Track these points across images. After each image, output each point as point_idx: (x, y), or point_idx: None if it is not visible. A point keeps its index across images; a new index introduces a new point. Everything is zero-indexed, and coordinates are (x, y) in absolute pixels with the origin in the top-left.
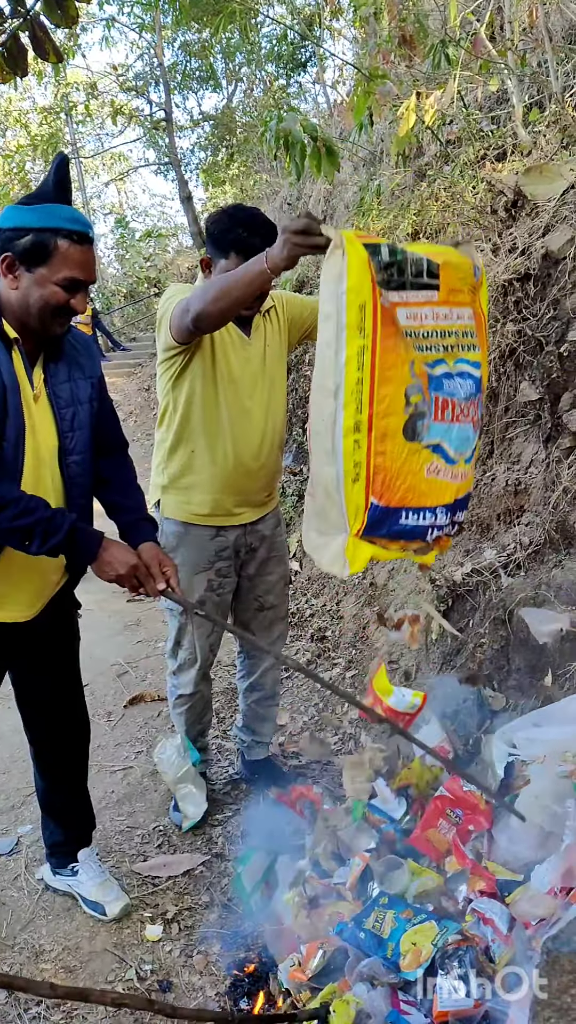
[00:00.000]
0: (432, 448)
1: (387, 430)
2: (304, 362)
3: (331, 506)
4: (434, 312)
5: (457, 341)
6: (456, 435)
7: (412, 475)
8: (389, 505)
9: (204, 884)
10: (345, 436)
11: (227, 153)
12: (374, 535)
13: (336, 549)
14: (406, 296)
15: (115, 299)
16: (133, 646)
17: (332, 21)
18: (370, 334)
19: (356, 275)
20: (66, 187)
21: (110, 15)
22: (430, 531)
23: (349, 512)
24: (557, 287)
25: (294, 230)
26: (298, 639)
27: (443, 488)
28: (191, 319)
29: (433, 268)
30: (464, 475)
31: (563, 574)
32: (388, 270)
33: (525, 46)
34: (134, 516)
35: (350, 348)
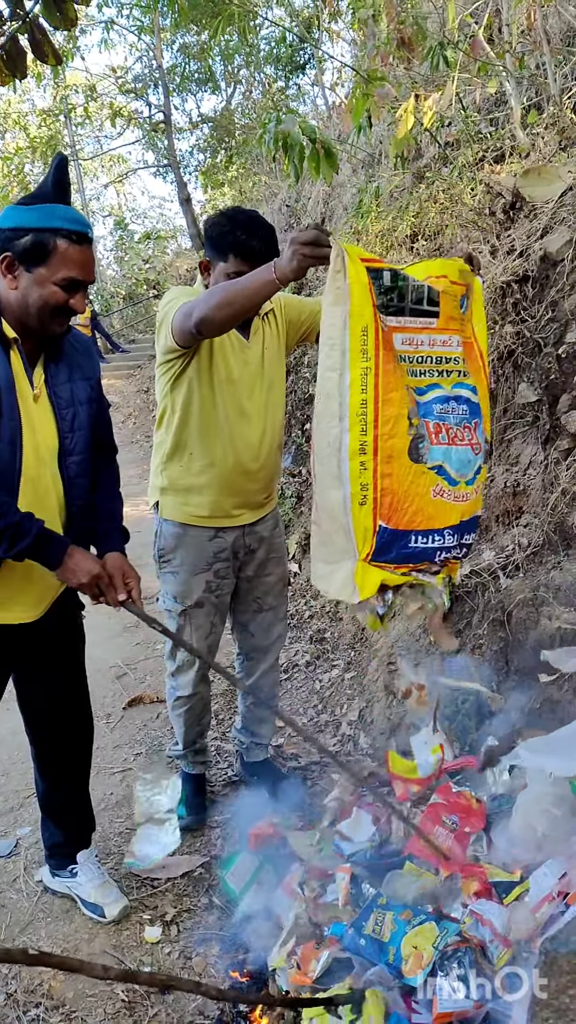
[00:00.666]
0: (436, 470)
1: (392, 451)
2: (303, 364)
3: (338, 532)
4: (431, 339)
5: (454, 367)
6: (455, 457)
7: (419, 497)
8: (398, 528)
9: (203, 886)
10: (351, 458)
11: (226, 155)
12: (383, 560)
13: (345, 576)
14: (404, 322)
15: (114, 301)
16: (132, 648)
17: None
18: (372, 356)
19: (358, 299)
20: (65, 187)
21: (109, 17)
22: (438, 553)
23: (357, 536)
24: (555, 289)
25: (303, 241)
26: (297, 640)
27: (448, 510)
28: (194, 324)
29: (434, 296)
30: (466, 497)
31: (562, 575)
32: (388, 295)
33: (523, 48)
34: (107, 524)
35: (354, 371)
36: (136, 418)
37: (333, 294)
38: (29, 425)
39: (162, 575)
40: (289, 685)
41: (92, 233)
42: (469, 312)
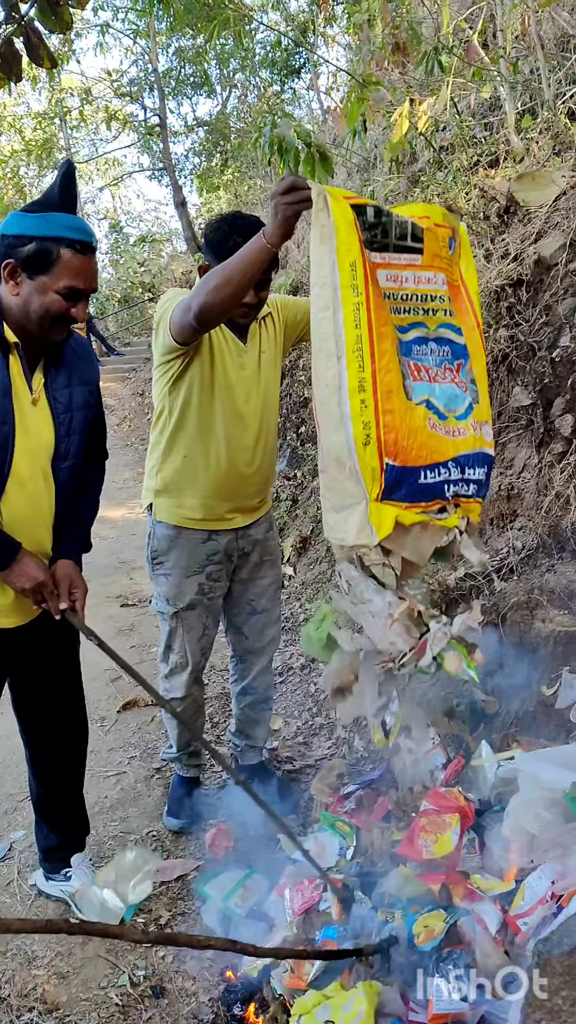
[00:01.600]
0: (424, 404)
1: (391, 386)
2: (298, 367)
3: (345, 476)
4: (416, 276)
5: (440, 306)
6: (440, 393)
7: (420, 431)
8: (405, 464)
9: (203, 879)
10: (351, 397)
11: (221, 159)
12: (394, 498)
13: (359, 519)
14: (388, 258)
15: (109, 304)
16: (126, 651)
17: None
18: (363, 291)
19: (344, 234)
20: (72, 196)
21: (104, 21)
22: (447, 487)
23: (365, 476)
24: (549, 293)
25: (281, 191)
26: (292, 644)
27: (445, 443)
28: (194, 314)
29: (418, 232)
30: (461, 431)
31: (556, 578)
32: (372, 230)
33: (517, 53)
34: (71, 530)
35: (346, 307)
36: (131, 421)
37: (319, 232)
38: (24, 429)
39: (155, 577)
40: (284, 688)
41: (96, 243)
42: (457, 254)
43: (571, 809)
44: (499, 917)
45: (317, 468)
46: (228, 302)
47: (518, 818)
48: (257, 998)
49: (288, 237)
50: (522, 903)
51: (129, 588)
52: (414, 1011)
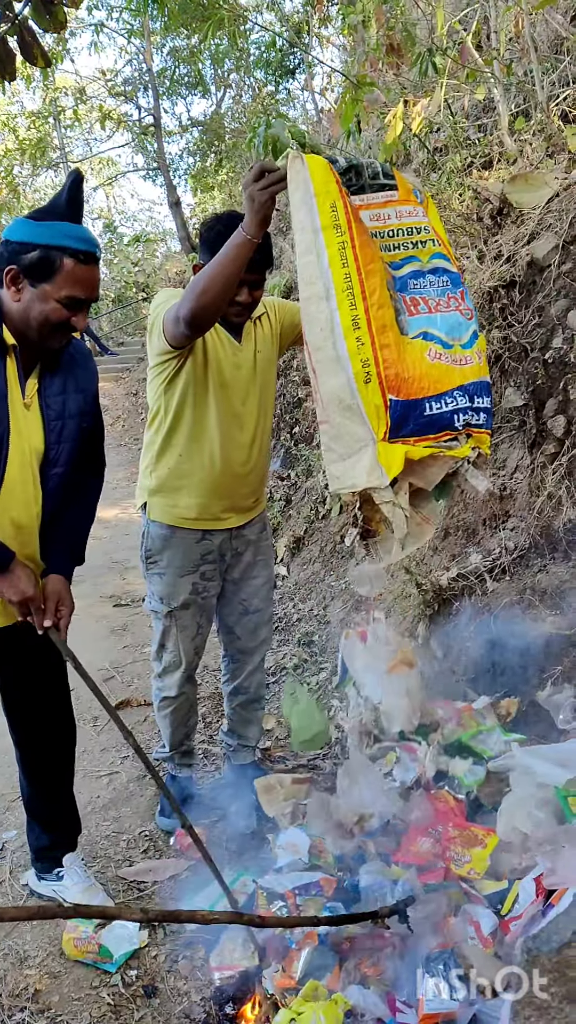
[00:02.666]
0: (422, 336)
1: (385, 321)
2: (292, 367)
3: (350, 419)
4: (397, 211)
5: (428, 236)
6: (442, 322)
7: (419, 363)
8: (409, 398)
9: (190, 889)
10: (346, 336)
11: (215, 159)
12: (401, 435)
13: (368, 462)
14: (367, 199)
15: (103, 304)
16: (119, 651)
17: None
18: (346, 229)
19: (320, 178)
20: (78, 205)
21: (99, 20)
22: (456, 417)
23: (370, 415)
24: (542, 294)
25: (251, 180)
26: (285, 644)
27: (451, 372)
28: (185, 323)
29: (387, 170)
30: (467, 360)
31: (547, 578)
32: (347, 174)
33: (511, 55)
34: (64, 543)
35: (331, 248)
36: (125, 421)
37: (294, 181)
38: (16, 429)
39: (149, 576)
40: (277, 688)
41: (100, 253)
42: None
43: (562, 807)
44: (493, 920)
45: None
46: (217, 303)
47: (512, 817)
48: (248, 998)
49: (267, 225)
50: (515, 906)
51: (122, 588)
52: (401, 1011)
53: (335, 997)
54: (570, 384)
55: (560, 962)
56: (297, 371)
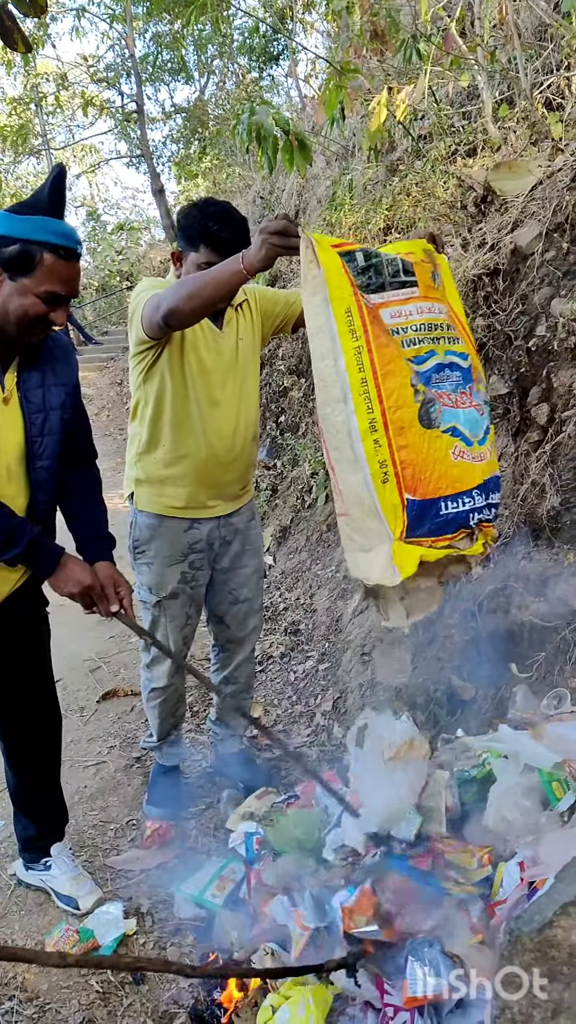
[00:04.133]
0: (451, 432)
1: (403, 422)
2: (277, 356)
3: (367, 516)
4: (418, 307)
5: (443, 333)
6: (465, 418)
7: (440, 462)
8: (425, 498)
9: (177, 877)
10: (363, 438)
11: (199, 146)
12: (418, 534)
13: (384, 559)
14: (387, 296)
15: (87, 293)
16: (106, 641)
17: (304, 14)
18: (362, 334)
19: (335, 283)
20: (61, 200)
21: (80, 5)
22: (472, 516)
23: (387, 515)
24: (525, 282)
25: (272, 231)
26: (272, 632)
27: (471, 469)
28: (163, 316)
29: (408, 266)
30: (484, 456)
31: (532, 566)
32: (366, 274)
33: (495, 42)
34: (92, 532)
35: (347, 353)
36: (110, 410)
37: (310, 285)
38: None
39: (137, 566)
40: (264, 676)
41: (81, 249)
42: (442, 287)
43: (547, 793)
44: (482, 906)
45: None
46: (196, 312)
47: (500, 808)
48: (236, 983)
49: (266, 270)
50: (500, 890)
51: None
52: (389, 992)
53: (324, 981)
54: (553, 372)
55: (541, 942)
56: (282, 360)
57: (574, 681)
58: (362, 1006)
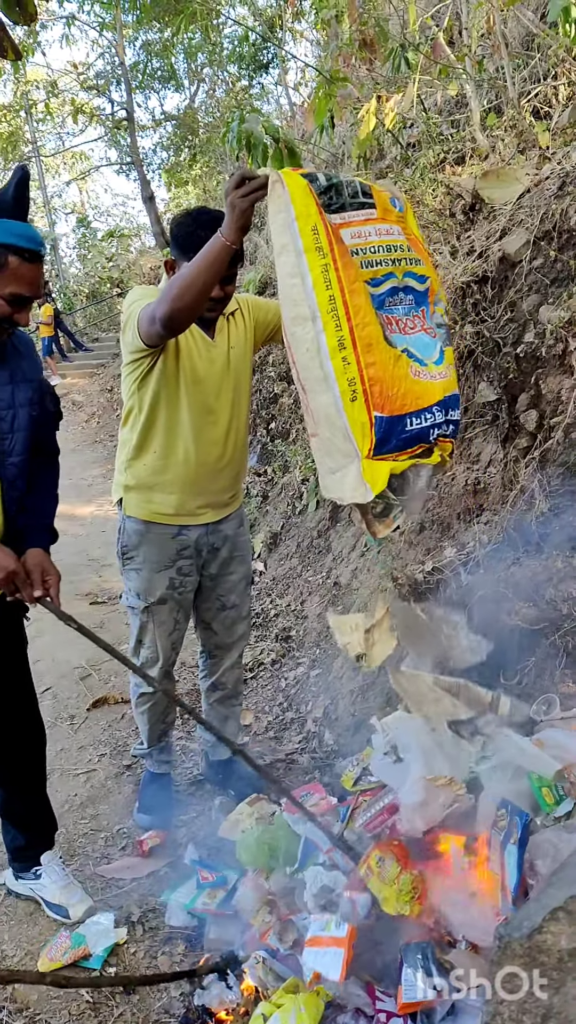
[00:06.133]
0: (406, 353)
1: (370, 339)
2: (268, 363)
3: (336, 435)
4: (376, 229)
5: (403, 255)
6: (414, 342)
7: (403, 379)
8: (393, 414)
9: (168, 885)
10: (332, 356)
11: (189, 153)
12: (385, 451)
13: (354, 477)
14: (347, 216)
15: (77, 299)
16: (96, 649)
17: (294, 23)
18: (328, 252)
19: (300, 202)
20: (24, 203)
21: (70, 13)
22: (432, 431)
23: (356, 433)
24: (514, 289)
25: (232, 187)
26: (263, 639)
27: (431, 387)
28: (160, 323)
29: (366, 188)
30: (442, 375)
31: (521, 571)
32: (327, 194)
33: (483, 52)
34: (36, 521)
35: (314, 270)
36: (100, 417)
37: (276, 203)
38: None
39: (125, 572)
40: (255, 683)
41: (45, 252)
42: (405, 211)
43: (537, 799)
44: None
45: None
46: (194, 305)
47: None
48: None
49: (246, 231)
50: None
51: (98, 585)
52: (381, 999)
53: (316, 988)
54: (542, 379)
55: (531, 947)
56: (273, 367)
57: (564, 686)
58: (353, 1013)
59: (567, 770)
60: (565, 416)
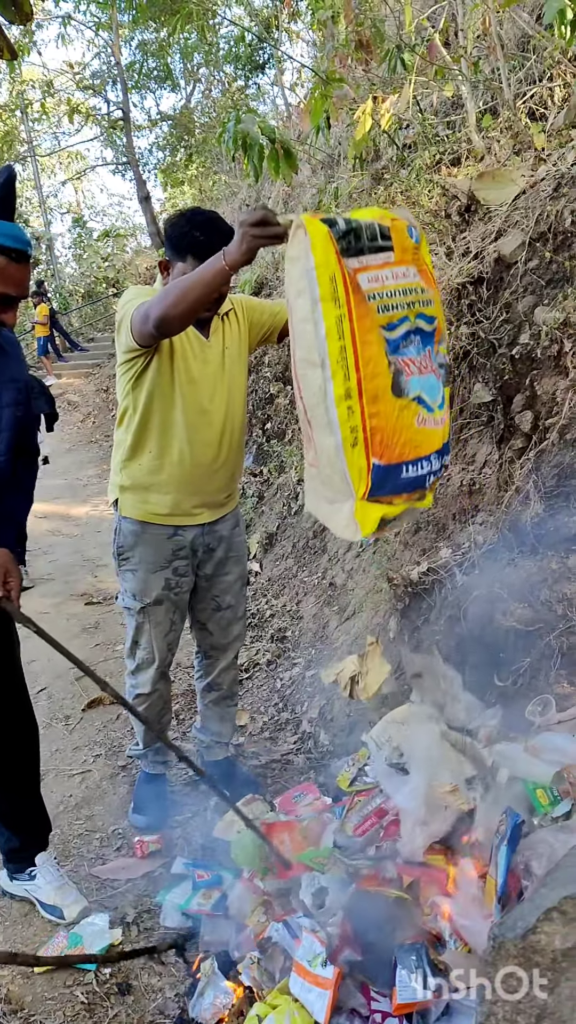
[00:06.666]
0: (417, 400)
1: (377, 391)
2: (264, 363)
3: (335, 474)
4: (393, 272)
5: (416, 297)
6: (427, 385)
7: (407, 429)
8: (390, 463)
9: (163, 886)
10: (337, 404)
11: (185, 153)
12: (380, 494)
13: (347, 514)
14: (365, 261)
15: (73, 299)
16: (91, 649)
17: (290, 24)
18: (344, 303)
19: (321, 250)
20: (10, 204)
21: (66, 12)
22: (428, 478)
23: (353, 476)
24: (509, 291)
25: (251, 222)
26: (258, 640)
27: (433, 435)
28: (153, 324)
29: (384, 231)
30: (442, 420)
31: (516, 572)
32: (346, 238)
33: (479, 53)
34: (4, 520)
35: (328, 319)
36: (95, 417)
37: (295, 248)
38: None
39: (121, 573)
40: (250, 684)
41: (32, 251)
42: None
43: (532, 800)
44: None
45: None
46: (185, 317)
47: (487, 820)
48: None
49: (248, 264)
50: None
51: (93, 586)
52: (376, 1000)
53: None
54: (537, 380)
55: (525, 947)
56: (269, 367)
57: (559, 687)
58: (348, 1014)
59: (566, 771)
60: (560, 417)
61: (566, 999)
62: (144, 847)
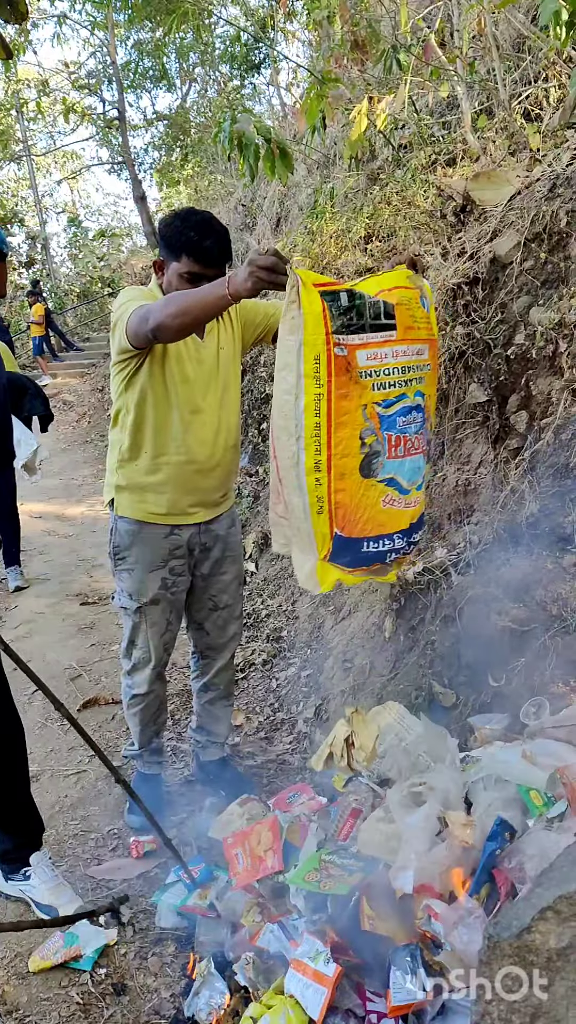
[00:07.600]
0: (387, 482)
1: (345, 470)
2: (259, 363)
3: (301, 533)
4: (394, 351)
5: (416, 375)
6: (408, 467)
7: (370, 508)
8: (351, 536)
9: (159, 887)
10: (308, 474)
11: (181, 153)
12: (339, 562)
13: (309, 569)
14: (366, 338)
15: (68, 299)
16: (87, 649)
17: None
18: (325, 383)
19: (311, 329)
20: None
21: (62, 12)
22: (389, 555)
23: (317, 540)
24: (504, 291)
25: (261, 265)
26: (254, 640)
27: (399, 516)
28: (151, 329)
29: (389, 309)
30: (416, 501)
31: (511, 572)
32: (348, 315)
33: (474, 54)
34: None
35: (308, 395)
36: (91, 417)
37: (288, 323)
38: None
39: (117, 573)
40: (246, 684)
41: (8, 251)
42: (431, 310)
43: (526, 802)
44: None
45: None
46: (182, 330)
47: (481, 819)
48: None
49: (251, 297)
50: None
51: (89, 586)
52: (371, 1000)
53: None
54: (532, 380)
55: (520, 947)
56: (265, 367)
57: (553, 687)
58: (344, 1014)
59: (560, 772)
60: (555, 417)
61: (560, 998)
62: (139, 847)
